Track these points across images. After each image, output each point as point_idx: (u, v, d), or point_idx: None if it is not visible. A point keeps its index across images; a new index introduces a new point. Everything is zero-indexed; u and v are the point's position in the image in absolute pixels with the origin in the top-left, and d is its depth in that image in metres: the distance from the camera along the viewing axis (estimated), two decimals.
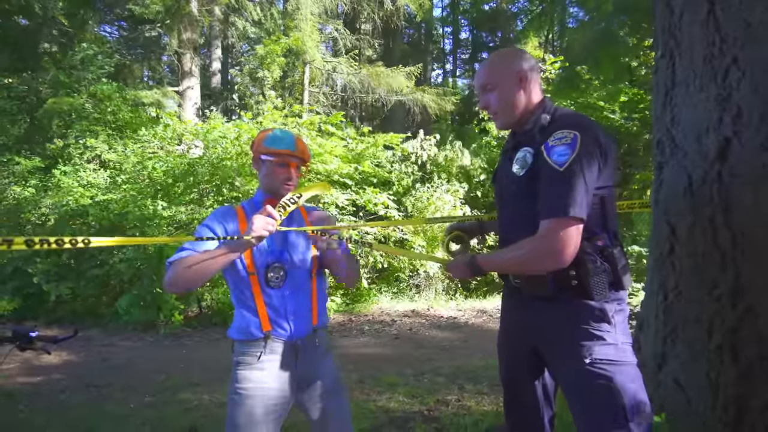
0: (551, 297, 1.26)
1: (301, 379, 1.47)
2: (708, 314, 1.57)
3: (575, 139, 1.18)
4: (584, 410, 1.21)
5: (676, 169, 1.69)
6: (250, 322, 1.43)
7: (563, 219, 1.15)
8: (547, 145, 1.21)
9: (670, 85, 1.75)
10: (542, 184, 1.21)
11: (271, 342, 1.43)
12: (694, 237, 1.61)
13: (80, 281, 5.92)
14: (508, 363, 1.48)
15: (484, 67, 1.40)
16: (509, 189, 1.35)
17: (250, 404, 1.39)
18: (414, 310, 6.59)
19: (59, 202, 6.42)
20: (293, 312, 1.45)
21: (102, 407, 3.18)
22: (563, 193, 1.16)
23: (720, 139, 1.54)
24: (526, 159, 1.28)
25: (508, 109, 1.35)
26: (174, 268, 1.34)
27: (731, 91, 1.52)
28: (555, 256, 1.16)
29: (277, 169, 1.49)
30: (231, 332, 1.48)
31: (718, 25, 1.55)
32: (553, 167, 1.18)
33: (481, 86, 1.39)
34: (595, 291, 1.20)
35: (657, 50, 1.85)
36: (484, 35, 17.98)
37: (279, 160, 1.48)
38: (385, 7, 11.51)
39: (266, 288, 1.43)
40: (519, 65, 1.34)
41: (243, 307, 1.46)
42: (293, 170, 1.50)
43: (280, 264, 1.45)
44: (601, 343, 1.20)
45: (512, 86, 1.33)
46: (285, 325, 1.44)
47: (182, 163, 6.54)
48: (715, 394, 1.53)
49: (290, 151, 1.48)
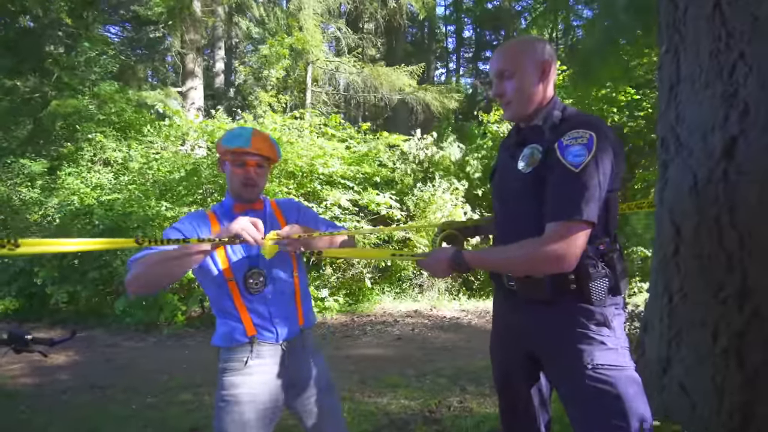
0: (549, 301, 1.22)
1: (291, 382, 1.44)
2: (714, 317, 1.53)
3: (591, 139, 1.13)
4: (585, 416, 1.18)
5: (681, 168, 1.65)
6: (234, 329, 1.39)
7: (573, 221, 1.10)
8: (561, 144, 1.15)
9: (675, 81, 1.71)
10: (552, 184, 1.15)
11: (257, 346, 1.39)
12: (700, 237, 1.56)
13: (83, 282, 5.95)
14: (502, 367, 1.45)
15: (504, 52, 1.29)
16: (511, 186, 1.29)
17: (239, 410, 1.36)
18: (417, 311, 6.57)
19: (64, 202, 6.46)
20: (278, 315, 1.42)
21: (105, 408, 3.19)
22: (576, 195, 1.11)
23: (726, 136, 1.50)
24: (533, 156, 1.22)
25: (523, 100, 1.26)
26: (136, 266, 1.27)
27: (738, 87, 1.47)
28: (560, 259, 1.11)
29: (236, 169, 1.41)
30: (215, 340, 1.43)
31: (724, 20, 1.51)
32: (568, 167, 1.12)
33: (497, 72, 1.28)
34: (594, 296, 1.17)
35: (661, 46, 1.80)
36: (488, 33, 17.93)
37: (235, 159, 1.41)
38: (388, 6, 11.48)
39: (246, 294, 1.39)
40: (543, 55, 1.25)
41: (225, 315, 1.41)
42: (251, 169, 1.41)
43: (258, 269, 1.40)
44: (602, 348, 1.17)
45: (533, 76, 1.25)
46: (271, 328, 1.40)
47: (187, 163, 6.55)
48: (721, 399, 1.49)
49: (244, 149, 1.39)
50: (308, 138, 6.92)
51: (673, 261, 1.66)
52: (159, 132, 7.50)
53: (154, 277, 1.28)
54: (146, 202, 6.06)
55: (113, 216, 6.07)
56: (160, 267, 1.26)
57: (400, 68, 10.84)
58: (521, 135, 1.32)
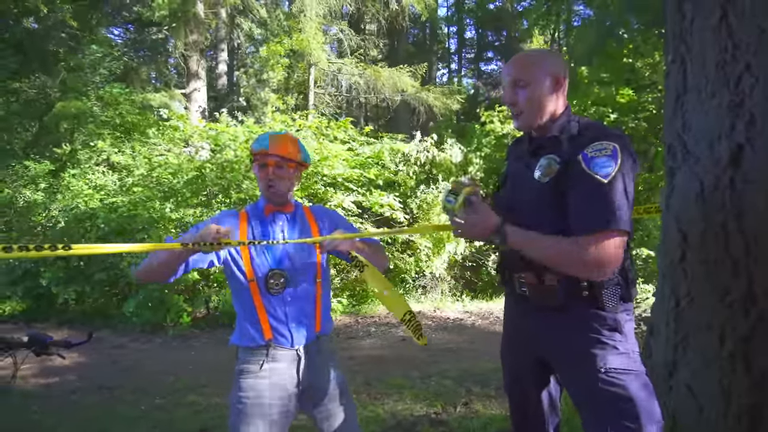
0: (561, 306, 1.25)
1: (305, 387, 1.46)
2: (720, 321, 1.56)
3: (615, 150, 1.15)
4: (598, 419, 1.21)
5: (687, 175, 1.68)
6: (251, 329, 1.43)
7: (609, 231, 1.12)
8: (585, 156, 1.17)
9: (682, 91, 1.74)
10: (581, 196, 1.16)
11: (273, 350, 1.42)
12: (706, 243, 1.60)
13: (89, 284, 5.98)
14: (512, 372, 1.47)
15: (520, 62, 1.32)
16: (527, 196, 1.29)
17: (252, 413, 1.39)
18: (420, 312, 6.59)
19: (68, 205, 6.49)
20: (294, 319, 1.44)
21: (113, 409, 3.22)
22: (610, 205, 1.12)
23: (733, 145, 1.53)
24: (550, 166, 1.23)
25: (535, 110, 1.28)
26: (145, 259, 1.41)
27: (744, 97, 1.51)
28: (601, 267, 1.13)
29: (259, 171, 1.47)
30: (234, 338, 1.49)
31: (730, 31, 1.54)
32: (596, 178, 1.14)
33: (512, 81, 1.30)
34: (607, 303, 1.19)
35: (668, 55, 1.84)
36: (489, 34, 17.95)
37: (258, 161, 1.47)
38: (390, 8, 11.52)
39: (267, 295, 1.42)
40: (557, 69, 1.29)
41: (245, 314, 1.46)
42: (271, 169, 1.45)
43: (280, 271, 1.43)
44: (614, 352, 1.20)
45: (546, 88, 1.27)
46: (286, 332, 1.43)
47: (191, 165, 6.58)
48: (728, 402, 1.52)
49: (264, 150, 1.44)
50: (312, 140, 6.95)
51: (680, 266, 1.70)
52: (163, 135, 7.53)
53: (151, 267, 1.41)
54: (150, 205, 6.10)
55: (118, 218, 6.11)
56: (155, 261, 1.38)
57: (402, 69, 10.88)
58: (534, 144, 1.33)
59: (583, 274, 1.18)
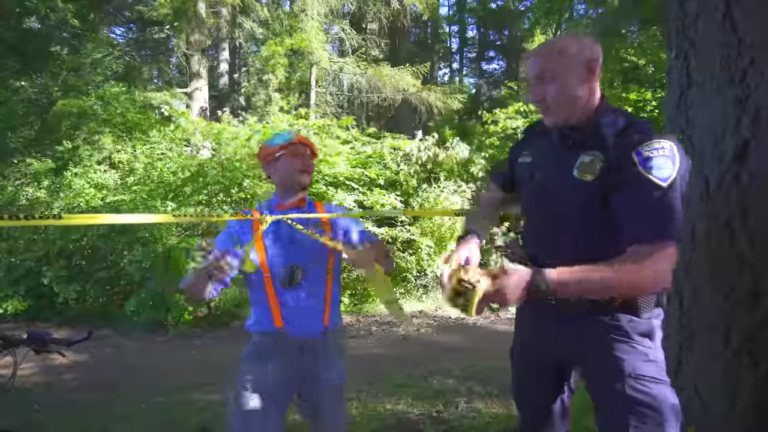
0: (590, 310, 1.16)
1: (304, 378, 1.52)
2: (725, 319, 1.55)
3: (672, 150, 1.05)
4: (623, 427, 1.14)
5: (692, 172, 1.67)
6: (264, 317, 1.51)
7: (669, 242, 1.03)
8: (640, 155, 1.05)
9: (686, 87, 1.72)
10: (633, 201, 1.05)
11: (282, 338, 1.49)
12: (711, 240, 1.58)
13: (90, 283, 5.99)
14: (526, 377, 1.42)
15: (545, 52, 1.18)
16: (566, 195, 1.17)
17: (253, 396, 1.45)
18: (422, 311, 6.58)
19: (71, 204, 6.50)
20: (305, 311, 1.50)
21: (114, 407, 3.21)
22: (666, 214, 1.03)
23: (738, 141, 1.52)
24: (593, 164, 1.12)
25: (568, 104, 1.15)
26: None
27: (749, 93, 1.49)
28: (661, 282, 1.04)
29: (294, 159, 1.55)
30: (247, 325, 1.56)
31: (735, 27, 1.52)
32: (654, 182, 1.03)
33: (537, 75, 1.17)
34: (642, 308, 1.14)
35: (671, 51, 1.82)
36: (491, 33, 17.92)
37: (290, 151, 1.55)
38: (391, 7, 11.49)
39: (279, 288, 1.48)
40: (589, 54, 1.14)
41: (258, 304, 1.53)
42: (307, 157, 1.58)
43: (293, 266, 1.49)
44: (643, 359, 1.15)
45: (578, 77, 1.13)
46: (296, 323, 1.49)
47: (192, 164, 6.58)
48: (733, 400, 1.51)
49: (293, 141, 1.55)
50: (314, 139, 6.95)
51: (685, 264, 1.68)
52: (164, 134, 7.54)
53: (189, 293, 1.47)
54: (152, 203, 6.10)
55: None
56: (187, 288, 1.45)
57: (403, 68, 10.86)
58: (570, 139, 1.20)
59: (649, 291, 1.11)
